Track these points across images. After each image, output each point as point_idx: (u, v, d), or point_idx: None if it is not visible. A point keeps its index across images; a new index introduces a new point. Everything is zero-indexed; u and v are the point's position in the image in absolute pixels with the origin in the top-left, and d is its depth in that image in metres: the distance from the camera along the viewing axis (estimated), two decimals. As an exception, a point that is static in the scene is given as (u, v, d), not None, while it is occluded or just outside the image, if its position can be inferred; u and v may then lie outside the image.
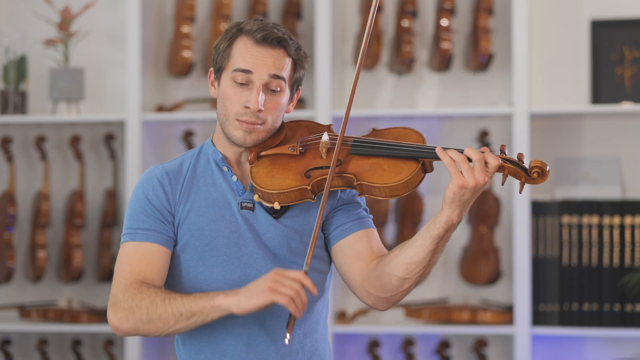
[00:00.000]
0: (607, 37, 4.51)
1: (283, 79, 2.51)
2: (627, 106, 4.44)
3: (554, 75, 4.58)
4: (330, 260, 2.60)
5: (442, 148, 2.42)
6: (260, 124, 2.51)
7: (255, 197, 2.51)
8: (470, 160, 2.39)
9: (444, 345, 4.59)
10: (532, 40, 4.50)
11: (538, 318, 4.40)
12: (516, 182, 2.46)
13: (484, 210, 4.50)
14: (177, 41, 4.66)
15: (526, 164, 2.41)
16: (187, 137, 4.71)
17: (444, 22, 4.53)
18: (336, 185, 2.48)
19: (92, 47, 4.79)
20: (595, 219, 4.41)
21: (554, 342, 4.51)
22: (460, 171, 2.37)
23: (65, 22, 4.68)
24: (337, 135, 2.51)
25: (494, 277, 4.52)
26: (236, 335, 2.51)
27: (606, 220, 4.41)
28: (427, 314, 4.50)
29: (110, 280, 4.75)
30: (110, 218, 4.74)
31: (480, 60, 4.50)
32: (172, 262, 2.54)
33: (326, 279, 2.60)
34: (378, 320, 4.61)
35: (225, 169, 2.56)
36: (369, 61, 4.57)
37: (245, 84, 2.50)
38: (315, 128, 2.59)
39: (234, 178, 2.55)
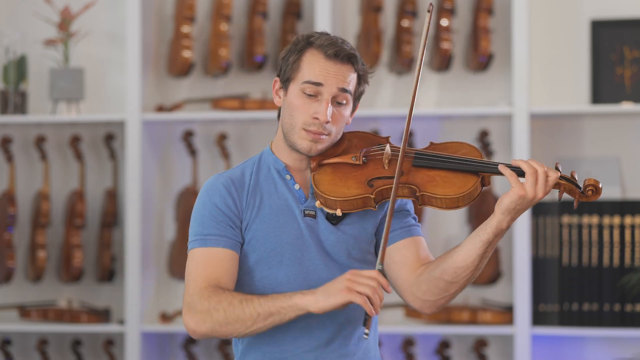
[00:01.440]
0: (607, 37, 4.51)
1: (350, 92, 2.60)
2: (627, 106, 4.44)
3: (554, 75, 4.58)
4: None
5: (504, 164, 2.54)
6: (326, 135, 2.59)
7: (317, 203, 2.59)
8: (522, 174, 2.51)
9: (444, 345, 4.59)
10: (532, 40, 4.50)
11: (538, 318, 4.40)
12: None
13: (484, 210, 4.50)
14: (177, 41, 4.66)
15: (579, 182, 2.56)
16: (187, 137, 4.71)
17: (444, 22, 4.53)
18: (399, 195, 2.57)
19: (92, 47, 4.79)
20: (595, 219, 4.41)
21: (554, 342, 4.51)
22: (522, 183, 2.49)
23: (65, 22, 4.68)
24: (398, 147, 2.62)
25: (494, 277, 4.52)
26: (302, 344, 2.60)
27: (606, 220, 4.41)
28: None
29: (111, 280, 4.76)
30: (110, 218, 4.74)
31: (480, 60, 4.50)
32: (239, 265, 2.61)
33: None
34: (378, 320, 4.61)
35: (288, 177, 2.63)
36: (369, 61, 4.56)
37: (314, 96, 2.58)
38: (374, 139, 2.70)
39: (296, 186, 2.63)
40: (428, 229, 4.58)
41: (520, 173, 2.51)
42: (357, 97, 2.65)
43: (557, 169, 2.56)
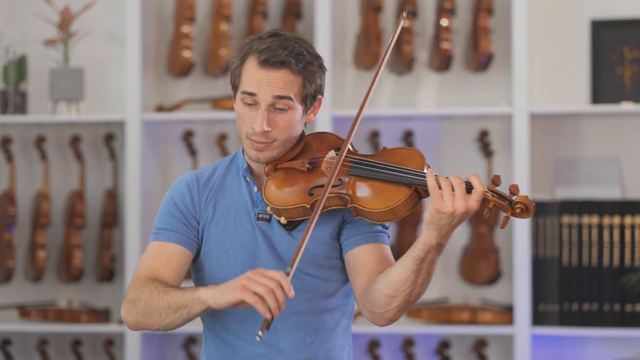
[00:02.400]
0: (607, 37, 4.51)
1: (289, 97, 2.53)
2: (627, 106, 4.44)
3: (554, 75, 4.58)
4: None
5: (432, 172, 2.40)
6: (271, 142, 2.54)
7: (268, 209, 2.56)
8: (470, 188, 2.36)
9: (444, 345, 4.59)
10: (532, 40, 4.50)
11: (538, 318, 4.40)
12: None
13: (483, 210, 4.50)
14: (177, 41, 4.66)
15: (515, 197, 2.38)
16: (187, 137, 4.71)
17: (444, 22, 4.53)
18: (334, 205, 2.50)
19: (92, 47, 4.79)
20: (595, 219, 4.41)
21: (554, 342, 4.51)
22: (441, 196, 2.35)
23: (65, 22, 4.68)
24: (352, 154, 2.54)
25: (494, 277, 4.52)
26: (246, 342, 2.56)
27: (606, 220, 4.40)
28: (427, 314, 4.50)
29: (111, 280, 4.77)
30: (110, 218, 4.74)
31: (480, 60, 4.50)
32: (197, 267, 2.61)
33: (342, 287, 2.61)
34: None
35: (248, 179, 2.61)
36: (369, 61, 4.57)
37: (252, 104, 2.54)
38: (334, 141, 2.61)
39: (255, 189, 2.60)
40: (428, 229, 4.58)
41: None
42: (305, 97, 2.56)
43: (493, 182, 2.40)
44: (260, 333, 2.30)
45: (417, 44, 4.61)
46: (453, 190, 2.35)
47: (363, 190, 2.48)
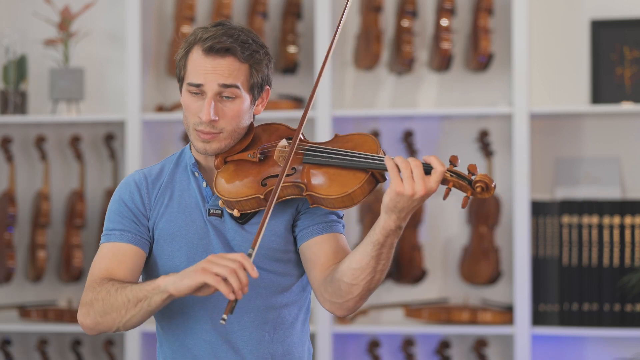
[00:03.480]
0: (607, 37, 4.51)
1: (235, 86, 2.49)
2: (627, 106, 4.44)
3: (554, 75, 4.58)
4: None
5: (389, 156, 2.38)
6: (218, 133, 2.51)
7: (220, 203, 2.52)
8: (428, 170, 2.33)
9: (444, 345, 4.59)
10: (532, 40, 4.50)
11: (538, 318, 4.40)
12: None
13: (484, 210, 4.50)
14: (177, 41, 4.66)
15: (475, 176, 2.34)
16: (187, 137, 4.71)
17: (444, 22, 4.53)
18: (288, 194, 2.47)
19: (92, 47, 4.79)
20: (595, 219, 4.41)
21: (554, 342, 4.51)
22: (401, 178, 2.32)
23: (65, 22, 4.68)
24: (304, 143, 2.50)
25: (494, 277, 4.52)
26: (204, 341, 2.53)
27: (606, 220, 4.41)
28: (427, 314, 4.50)
29: (110, 280, 4.75)
30: (110, 218, 4.74)
31: (480, 60, 4.50)
32: (151, 266, 2.57)
33: (297, 282, 2.58)
34: (378, 320, 4.61)
35: (196, 174, 2.58)
36: (369, 61, 4.57)
37: (198, 94, 2.50)
38: (285, 132, 2.58)
39: (204, 184, 2.57)
40: (428, 228, 4.58)
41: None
42: (253, 87, 2.53)
43: (451, 162, 2.35)
44: (224, 316, 2.26)
45: (417, 44, 4.61)
46: (412, 172, 2.32)
47: (318, 178, 2.44)
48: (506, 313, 4.45)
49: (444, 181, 2.33)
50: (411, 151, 4.57)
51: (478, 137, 4.57)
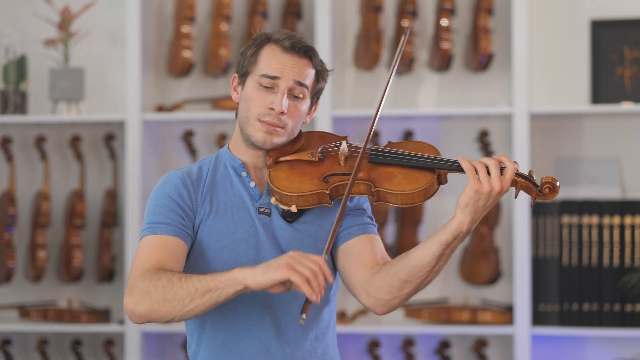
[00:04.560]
0: (607, 37, 4.51)
1: (306, 86, 2.58)
2: (627, 106, 4.44)
3: (554, 75, 4.58)
4: (335, 269, 2.63)
5: (463, 157, 2.49)
6: (281, 127, 2.57)
7: (273, 200, 2.57)
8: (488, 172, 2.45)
9: (444, 345, 4.59)
10: (532, 40, 4.50)
11: (538, 318, 4.40)
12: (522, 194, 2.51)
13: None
14: (177, 41, 4.66)
15: (537, 181, 2.48)
16: (187, 137, 4.71)
17: (444, 22, 4.53)
18: (355, 192, 2.55)
19: (92, 47, 4.79)
20: (595, 219, 4.41)
21: (554, 342, 4.51)
22: (478, 177, 2.42)
23: (65, 22, 4.68)
24: (355, 146, 2.59)
25: (494, 277, 4.52)
26: (253, 337, 2.55)
27: (606, 220, 4.41)
28: (427, 314, 4.50)
29: (111, 280, 4.76)
30: (110, 218, 4.74)
31: (480, 60, 4.50)
32: (193, 262, 2.57)
33: (331, 287, 2.63)
34: (378, 320, 4.61)
35: (244, 174, 2.61)
36: (369, 61, 4.57)
37: (270, 88, 2.57)
38: (331, 138, 2.66)
39: (252, 184, 2.61)
40: (428, 228, 4.59)
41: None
42: (315, 94, 2.63)
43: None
44: (303, 316, 2.32)
45: (417, 44, 4.61)
46: (488, 171, 2.43)
47: (386, 176, 2.54)
48: (506, 313, 4.45)
49: (513, 182, 2.47)
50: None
51: (478, 137, 4.57)
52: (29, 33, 4.79)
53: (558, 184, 2.47)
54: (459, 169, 2.48)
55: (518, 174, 2.47)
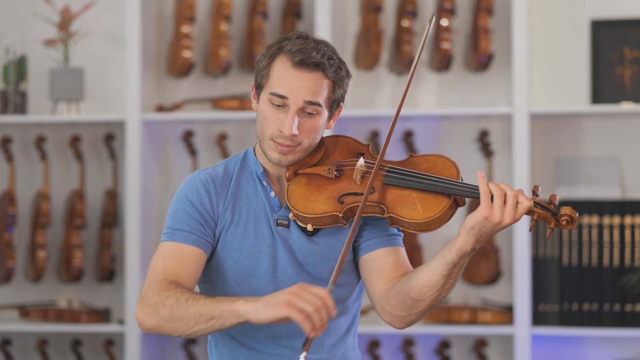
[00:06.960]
0: (607, 37, 4.51)
1: (318, 104, 2.50)
2: (627, 106, 4.44)
3: (554, 75, 4.58)
4: (358, 275, 2.60)
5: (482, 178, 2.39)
6: (296, 146, 2.51)
7: (291, 215, 2.52)
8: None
9: (444, 345, 4.59)
10: (532, 40, 4.50)
11: (538, 318, 4.40)
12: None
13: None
14: (177, 41, 4.66)
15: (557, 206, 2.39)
16: (187, 137, 4.71)
17: (444, 22, 4.53)
18: (370, 212, 2.48)
19: (92, 47, 4.79)
20: (595, 219, 4.41)
21: (554, 342, 4.51)
22: (491, 204, 2.35)
23: (65, 22, 4.68)
24: (374, 159, 2.51)
25: (494, 277, 4.52)
26: (266, 339, 2.55)
27: (606, 220, 4.41)
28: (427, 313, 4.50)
29: (111, 280, 4.76)
30: (110, 218, 4.74)
31: (480, 60, 4.50)
32: (212, 270, 2.56)
33: (354, 291, 2.60)
34: (378, 320, 4.60)
35: (264, 183, 2.57)
36: (369, 61, 4.57)
37: (281, 106, 2.50)
38: (355, 146, 2.59)
39: (272, 194, 2.56)
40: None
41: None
42: (332, 103, 2.54)
43: (534, 193, 2.40)
44: (304, 353, 2.28)
45: (417, 44, 4.61)
46: (505, 201, 2.35)
47: (400, 200, 2.46)
48: (506, 313, 4.45)
49: (529, 212, 2.37)
50: (411, 151, 4.56)
51: (478, 137, 4.57)
52: (29, 33, 4.79)
53: (577, 215, 2.36)
54: (475, 195, 2.39)
55: (537, 204, 2.37)
